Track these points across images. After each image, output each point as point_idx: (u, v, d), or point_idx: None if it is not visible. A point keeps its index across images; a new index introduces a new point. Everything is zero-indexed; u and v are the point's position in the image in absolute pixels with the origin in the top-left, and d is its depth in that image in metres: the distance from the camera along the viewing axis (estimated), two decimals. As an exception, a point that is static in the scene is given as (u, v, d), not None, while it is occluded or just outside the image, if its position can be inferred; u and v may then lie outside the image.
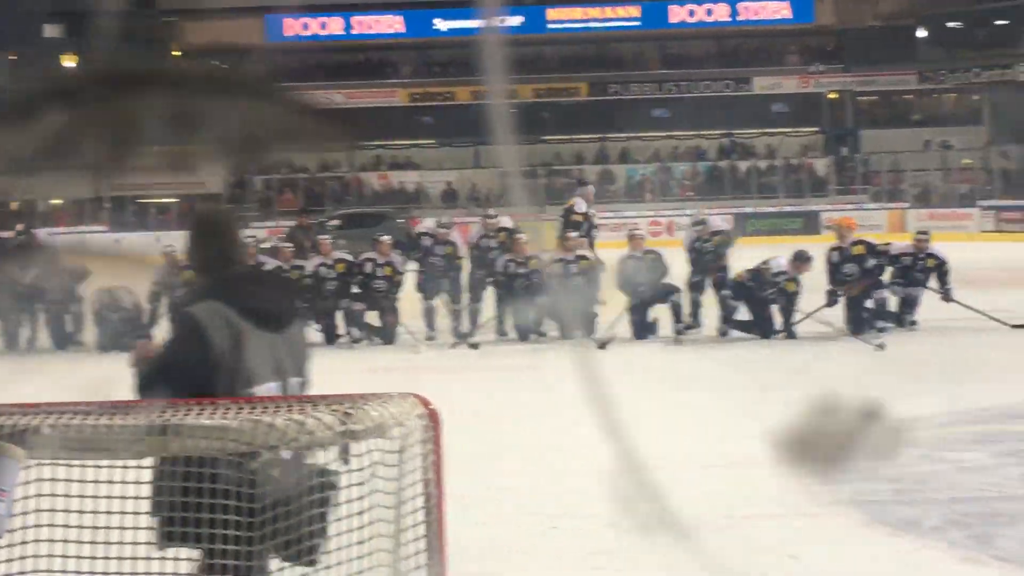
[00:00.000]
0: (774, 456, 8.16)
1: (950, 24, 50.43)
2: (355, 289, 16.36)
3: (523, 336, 16.08)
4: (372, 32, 49.67)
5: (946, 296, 16.10)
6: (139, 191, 43.88)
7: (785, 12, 49.26)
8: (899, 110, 50.77)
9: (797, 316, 15.66)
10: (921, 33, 49.81)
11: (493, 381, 13.12)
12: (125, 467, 3.33)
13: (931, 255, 16.24)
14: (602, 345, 14.90)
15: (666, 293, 15.91)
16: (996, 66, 47.67)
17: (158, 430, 3.16)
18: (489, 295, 16.66)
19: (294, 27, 49.75)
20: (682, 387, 12.28)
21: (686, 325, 15.97)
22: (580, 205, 18.05)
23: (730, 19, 49.29)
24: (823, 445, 4.17)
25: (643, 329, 15.97)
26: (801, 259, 15.70)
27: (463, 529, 6.81)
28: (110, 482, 3.35)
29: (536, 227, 19.22)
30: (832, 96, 49.43)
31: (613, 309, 15.91)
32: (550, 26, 49.30)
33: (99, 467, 3.34)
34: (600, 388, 2.80)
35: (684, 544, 5.77)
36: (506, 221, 17.30)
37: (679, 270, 16.38)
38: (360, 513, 3.37)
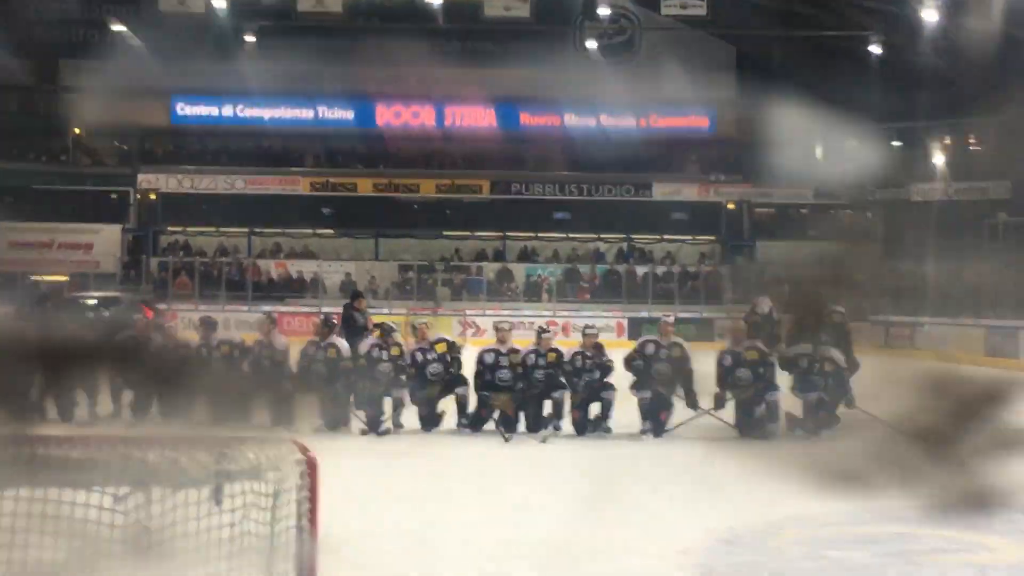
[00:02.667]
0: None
1: (847, 143, 51.50)
2: None
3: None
4: (278, 119, 49.63)
5: (848, 403, 16.12)
6: (31, 267, 43.29)
7: (687, 122, 49.97)
8: (795, 223, 51.51)
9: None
10: (819, 150, 50.78)
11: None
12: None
13: (827, 358, 16.20)
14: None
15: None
16: (890, 185, 48.72)
17: (25, 460, 3.05)
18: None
19: (201, 110, 49.59)
20: (565, 479, 12.27)
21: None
22: (763, 305, 17.87)
23: (634, 127, 49.83)
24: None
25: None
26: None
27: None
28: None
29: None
30: (730, 206, 50.10)
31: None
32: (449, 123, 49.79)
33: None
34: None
35: None
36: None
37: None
38: (230, 557, 3.28)
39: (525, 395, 15.91)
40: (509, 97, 49.58)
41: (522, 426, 15.71)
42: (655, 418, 15.74)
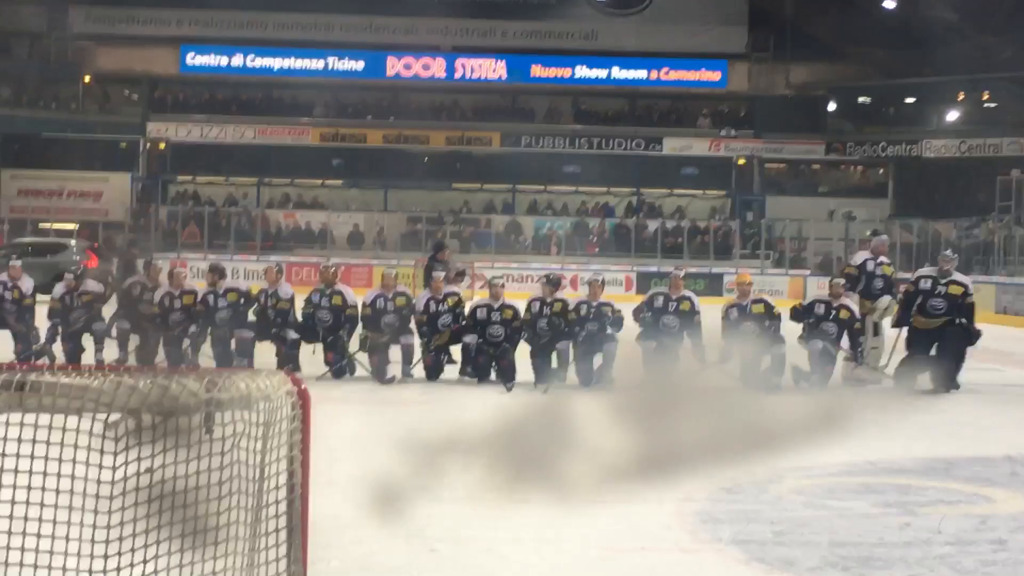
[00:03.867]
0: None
1: (860, 99, 51.38)
2: None
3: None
4: (288, 69, 49.52)
5: (854, 358, 16.09)
6: (40, 215, 43.34)
7: (698, 76, 49.80)
8: (806, 179, 51.47)
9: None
10: (831, 105, 50.65)
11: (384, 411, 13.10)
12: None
13: (844, 306, 16.07)
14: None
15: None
16: (902, 141, 48.55)
17: (15, 386, 3.06)
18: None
19: (211, 60, 49.47)
20: (569, 428, 12.27)
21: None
22: (857, 258, 17.38)
23: (644, 79, 49.71)
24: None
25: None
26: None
27: (341, 548, 6.75)
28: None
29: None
30: (741, 161, 49.96)
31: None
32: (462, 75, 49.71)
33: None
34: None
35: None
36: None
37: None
38: (220, 483, 3.29)
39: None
40: (520, 49, 49.51)
41: (529, 376, 15.70)
42: (657, 370, 15.74)
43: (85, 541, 3.36)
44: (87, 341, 16.82)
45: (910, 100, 50.24)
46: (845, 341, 16.11)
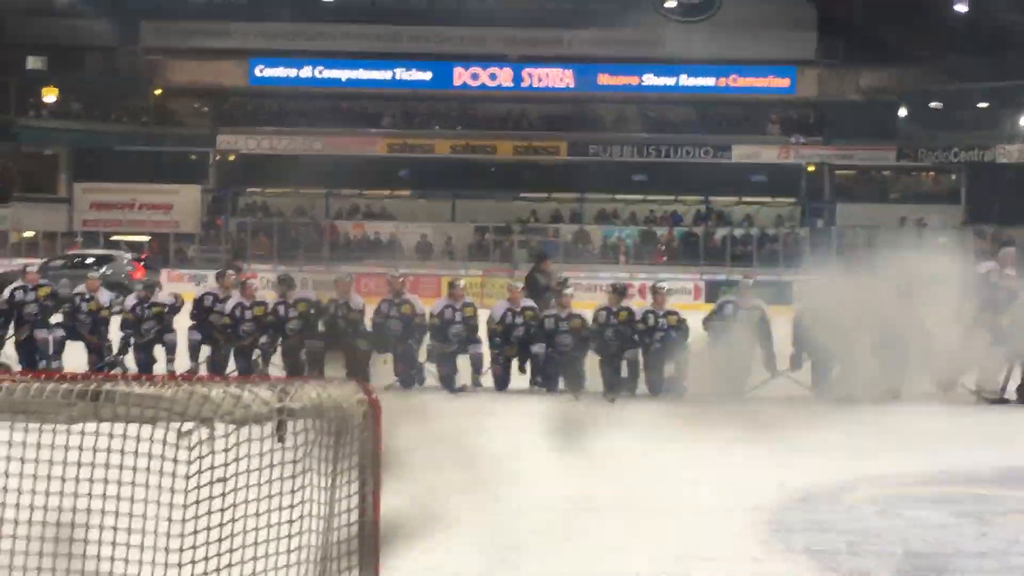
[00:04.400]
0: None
1: (931, 104, 50.81)
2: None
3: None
4: (356, 80, 49.76)
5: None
6: (112, 227, 43.79)
7: (767, 83, 49.52)
8: (877, 185, 50.99)
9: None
10: (902, 111, 50.14)
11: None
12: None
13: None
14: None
15: None
16: (975, 147, 47.95)
17: (91, 395, 3.09)
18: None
19: (279, 72, 49.79)
20: (640, 437, 12.23)
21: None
22: (981, 268, 16.99)
23: (713, 87, 49.52)
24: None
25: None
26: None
27: (411, 557, 6.76)
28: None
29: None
30: (810, 168, 49.58)
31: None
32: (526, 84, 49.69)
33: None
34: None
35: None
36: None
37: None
38: (292, 492, 3.31)
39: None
40: (587, 57, 49.39)
41: (598, 386, 15.65)
42: (728, 379, 15.64)
43: (159, 549, 3.40)
44: (158, 352, 16.95)
45: (983, 105, 49.55)
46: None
